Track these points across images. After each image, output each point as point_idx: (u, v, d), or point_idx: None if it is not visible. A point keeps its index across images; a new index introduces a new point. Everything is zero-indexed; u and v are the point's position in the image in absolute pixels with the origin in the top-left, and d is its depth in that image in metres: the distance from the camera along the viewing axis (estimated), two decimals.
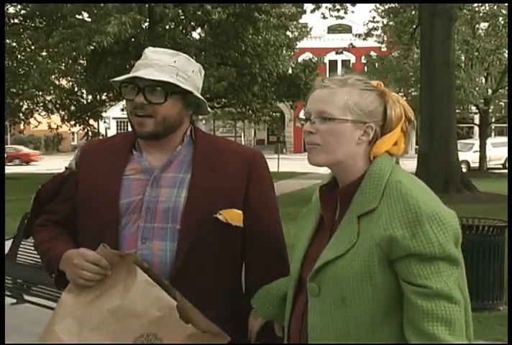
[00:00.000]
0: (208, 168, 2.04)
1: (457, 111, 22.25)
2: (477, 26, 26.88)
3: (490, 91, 28.24)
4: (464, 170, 20.19)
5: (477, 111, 29.66)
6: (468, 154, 27.99)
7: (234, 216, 2.02)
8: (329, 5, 21.91)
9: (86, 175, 2.09)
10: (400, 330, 1.67)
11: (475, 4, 24.54)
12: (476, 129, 35.87)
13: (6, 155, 26.37)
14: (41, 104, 25.61)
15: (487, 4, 24.79)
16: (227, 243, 2.04)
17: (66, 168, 2.17)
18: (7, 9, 24.23)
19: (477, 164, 28.14)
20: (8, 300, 5.79)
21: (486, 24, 26.51)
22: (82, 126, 24.88)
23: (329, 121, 1.74)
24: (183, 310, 1.87)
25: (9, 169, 28.98)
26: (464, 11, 23.43)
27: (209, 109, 2.16)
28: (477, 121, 31.60)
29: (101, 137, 29.04)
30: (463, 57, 27.39)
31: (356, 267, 1.66)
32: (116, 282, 1.89)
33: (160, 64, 2.02)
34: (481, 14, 25.13)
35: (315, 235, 1.85)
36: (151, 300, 1.84)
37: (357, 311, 1.67)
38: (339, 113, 1.73)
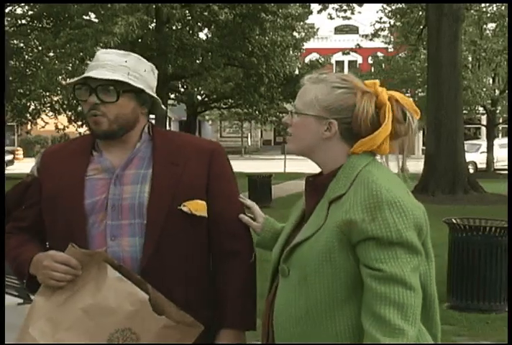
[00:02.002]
0: (168, 162, 2.07)
1: (464, 111, 22.19)
2: (485, 26, 26.80)
3: (497, 92, 28.16)
4: (471, 171, 20.15)
5: (484, 111, 29.58)
6: (475, 155, 27.90)
7: (198, 207, 2.05)
8: (336, 5, 21.91)
9: (49, 180, 2.12)
10: (359, 315, 1.71)
11: (482, 5, 24.47)
12: (483, 130, 35.78)
13: None
14: (48, 105, 25.69)
15: (494, 5, 24.72)
16: (193, 233, 2.07)
17: (28, 174, 2.19)
18: (15, 10, 24.33)
19: (484, 165, 28.05)
20: (14, 300, 5.80)
21: (493, 25, 26.43)
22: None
23: (298, 114, 1.89)
24: (156, 303, 1.89)
25: (12, 170, 29.05)
26: (472, 11, 23.37)
27: (163, 107, 2.20)
28: (484, 121, 31.50)
29: None
30: (470, 58, 27.31)
31: (318, 247, 1.74)
32: (87, 281, 1.92)
33: (111, 64, 2.06)
34: (488, 15, 25.05)
35: (298, 223, 1.94)
36: (123, 295, 1.87)
37: (317, 291, 1.74)
38: (303, 108, 1.88)
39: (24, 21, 24.07)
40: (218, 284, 2.13)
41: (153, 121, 2.26)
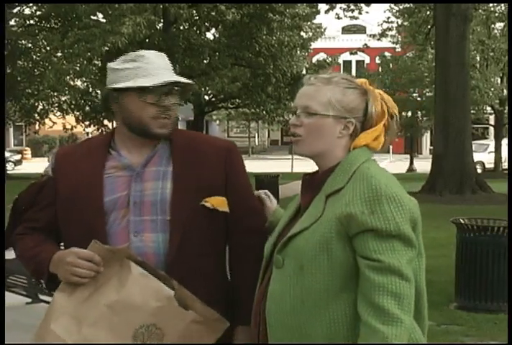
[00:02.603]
0: (187, 159, 2.11)
1: (472, 111, 22.13)
2: (493, 26, 26.71)
3: (505, 92, 28.05)
4: (479, 171, 20.09)
5: (492, 111, 29.50)
6: (483, 155, 27.83)
7: (219, 202, 2.10)
8: (344, 5, 21.85)
9: (66, 179, 2.12)
10: (354, 305, 1.77)
11: (491, 4, 24.39)
12: (491, 130, 35.66)
13: None
14: (56, 105, 25.76)
15: (502, 4, 24.63)
16: (214, 229, 2.11)
17: (42, 175, 2.19)
18: (23, 10, 24.41)
19: (492, 165, 27.98)
20: (23, 300, 5.82)
21: (502, 24, 26.33)
22: (96, 126, 25.00)
23: (313, 115, 1.89)
24: (182, 299, 1.91)
25: (20, 170, 29.12)
26: (480, 11, 23.30)
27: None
28: (492, 121, 31.40)
29: None
30: (478, 58, 27.22)
31: (316, 238, 1.79)
32: (109, 277, 1.92)
33: (170, 67, 2.13)
34: (497, 14, 24.96)
35: (293, 218, 1.98)
36: (148, 292, 1.88)
37: (313, 280, 1.79)
38: (321, 109, 1.89)
39: (32, 22, 24.16)
40: (234, 280, 2.16)
41: None
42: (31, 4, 23.97)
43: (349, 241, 1.78)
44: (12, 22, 24.21)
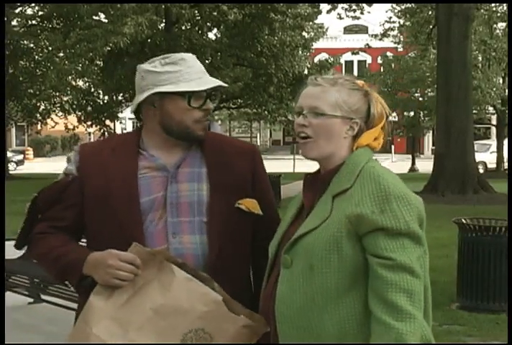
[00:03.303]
0: (218, 161, 2.13)
1: (474, 111, 22.12)
2: (495, 26, 26.67)
3: (507, 91, 28.04)
4: (481, 171, 20.06)
5: (494, 111, 29.48)
6: (485, 155, 27.80)
7: (253, 205, 2.12)
8: (345, 5, 21.83)
9: (94, 178, 2.08)
10: (363, 303, 1.80)
11: (492, 4, 24.36)
12: (493, 130, 35.64)
13: None
14: (58, 105, 25.77)
15: (504, 4, 24.60)
16: (246, 230, 2.14)
17: (66, 173, 2.14)
18: (25, 11, 24.43)
19: (494, 165, 27.97)
20: (25, 300, 5.83)
21: (504, 24, 26.31)
22: (98, 126, 25.00)
23: (320, 116, 1.91)
24: (227, 302, 1.90)
25: (22, 170, 29.15)
26: (482, 10, 23.27)
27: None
28: (494, 121, 31.38)
29: None
30: (480, 58, 27.20)
31: (325, 237, 1.82)
32: (149, 280, 1.90)
33: (205, 70, 2.13)
34: (499, 14, 24.92)
35: (296, 218, 2.00)
36: (196, 296, 1.87)
37: (323, 279, 1.81)
38: (329, 110, 1.91)
39: (34, 22, 24.17)
40: (256, 278, 2.17)
41: None
42: (33, 4, 23.99)
43: (358, 240, 1.80)
44: (14, 22, 24.23)
